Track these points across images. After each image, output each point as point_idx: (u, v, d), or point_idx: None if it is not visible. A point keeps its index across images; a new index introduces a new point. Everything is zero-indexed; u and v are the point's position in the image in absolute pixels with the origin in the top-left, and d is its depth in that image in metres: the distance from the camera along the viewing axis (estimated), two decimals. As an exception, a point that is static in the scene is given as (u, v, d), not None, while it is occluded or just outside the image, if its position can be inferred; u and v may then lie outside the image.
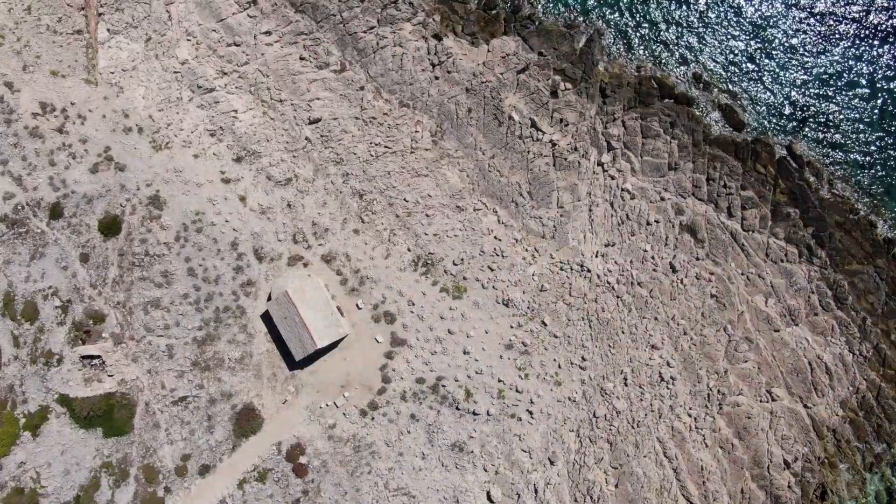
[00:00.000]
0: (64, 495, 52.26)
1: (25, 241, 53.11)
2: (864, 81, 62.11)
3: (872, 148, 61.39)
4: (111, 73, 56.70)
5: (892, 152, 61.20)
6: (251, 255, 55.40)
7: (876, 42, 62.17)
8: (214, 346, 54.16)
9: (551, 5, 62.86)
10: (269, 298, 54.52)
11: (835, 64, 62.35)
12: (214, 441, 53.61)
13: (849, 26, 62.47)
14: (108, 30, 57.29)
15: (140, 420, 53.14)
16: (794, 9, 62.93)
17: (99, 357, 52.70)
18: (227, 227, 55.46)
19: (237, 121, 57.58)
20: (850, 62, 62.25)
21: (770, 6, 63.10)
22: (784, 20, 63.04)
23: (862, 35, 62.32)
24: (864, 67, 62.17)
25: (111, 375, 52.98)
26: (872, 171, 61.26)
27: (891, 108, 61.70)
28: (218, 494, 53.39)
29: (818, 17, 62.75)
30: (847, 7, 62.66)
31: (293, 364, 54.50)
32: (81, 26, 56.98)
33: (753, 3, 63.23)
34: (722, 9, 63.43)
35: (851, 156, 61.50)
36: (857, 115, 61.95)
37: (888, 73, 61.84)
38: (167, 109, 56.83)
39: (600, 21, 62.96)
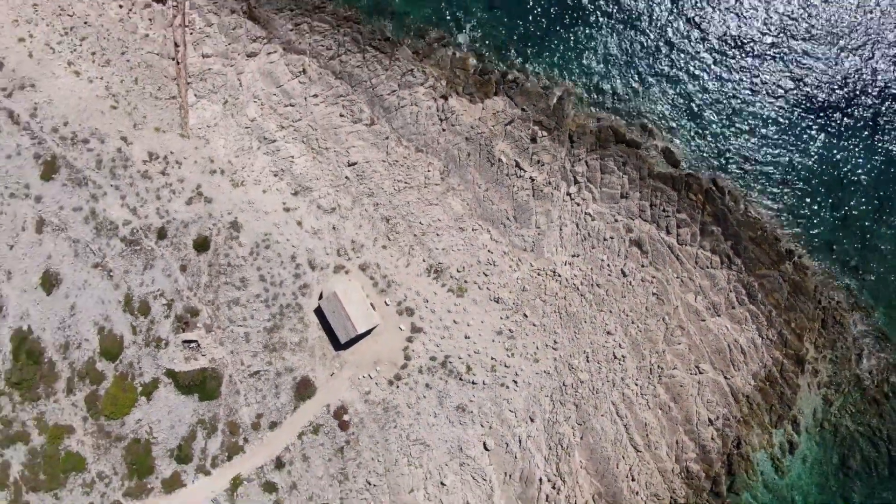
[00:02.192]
0: (170, 444, 66.46)
1: (139, 255, 68.33)
2: (774, 129, 78.45)
3: (778, 178, 77.22)
4: (199, 129, 71.92)
5: (793, 183, 77.26)
6: (306, 265, 70.07)
7: (781, 94, 79.27)
8: (279, 333, 68.63)
9: (532, 71, 79.53)
10: (321, 297, 68.26)
11: (751, 115, 78.51)
12: (280, 404, 67.56)
13: (770, 85, 79.31)
14: (195, 95, 72.91)
15: (225, 388, 67.65)
16: (721, 76, 79.88)
17: (195, 341, 67.26)
18: (288, 245, 69.88)
19: (294, 164, 72.55)
20: (767, 114, 78.51)
21: (704, 73, 79.92)
22: (713, 83, 79.26)
23: (776, 92, 79.25)
24: (776, 117, 78.53)
25: (204, 355, 67.39)
26: (778, 197, 77.18)
27: (793, 147, 78.09)
28: (283, 443, 66.84)
29: (740, 80, 79.70)
30: (769, 71, 79.69)
31: (338, 346, 67.75)
32: (175, 93, 72.70)
33: (689, 72, 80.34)
34: (663, 75, 79.65)
35: (762, 186, 77.16)
36: (768, 156, 77.84)
37: (793, 120, 78.48)
38: (241, 156, 72.09)
39: (570, 83, 78.48)
